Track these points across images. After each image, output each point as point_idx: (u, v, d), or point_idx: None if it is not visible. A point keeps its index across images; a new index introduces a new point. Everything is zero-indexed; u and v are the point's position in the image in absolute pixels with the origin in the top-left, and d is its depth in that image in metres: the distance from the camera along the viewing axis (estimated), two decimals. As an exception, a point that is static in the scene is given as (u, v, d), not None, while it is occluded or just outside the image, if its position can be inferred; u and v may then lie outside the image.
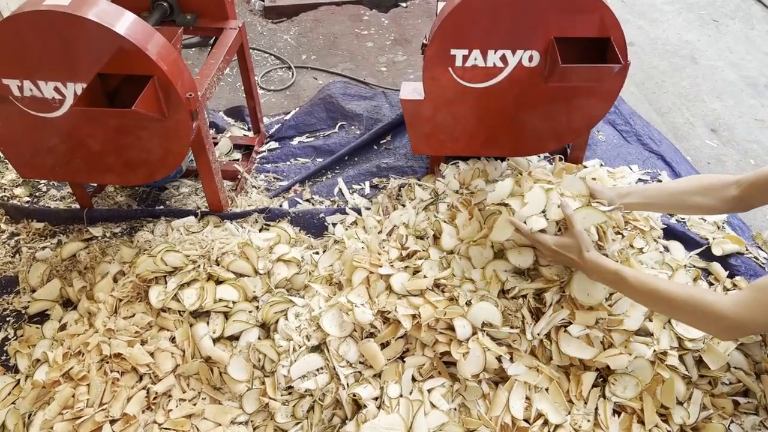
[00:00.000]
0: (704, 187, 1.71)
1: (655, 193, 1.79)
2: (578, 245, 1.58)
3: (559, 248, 1.62)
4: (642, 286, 1.49)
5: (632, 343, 1.70)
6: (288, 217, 2.29)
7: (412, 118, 2.13)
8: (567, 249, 1.61)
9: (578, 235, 1.58)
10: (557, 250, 1.63)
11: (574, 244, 1.59)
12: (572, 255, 1.60)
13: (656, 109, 3.15)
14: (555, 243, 1.63)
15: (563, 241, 1.62)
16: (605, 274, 1.56)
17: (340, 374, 1.71)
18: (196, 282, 1.89)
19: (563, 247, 1.61)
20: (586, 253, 1.58)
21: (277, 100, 3.28)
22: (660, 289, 1.46)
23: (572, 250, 1.60)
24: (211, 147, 2.12)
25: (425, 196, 2.22)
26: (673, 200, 1.75)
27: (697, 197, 1.71)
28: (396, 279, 1.82)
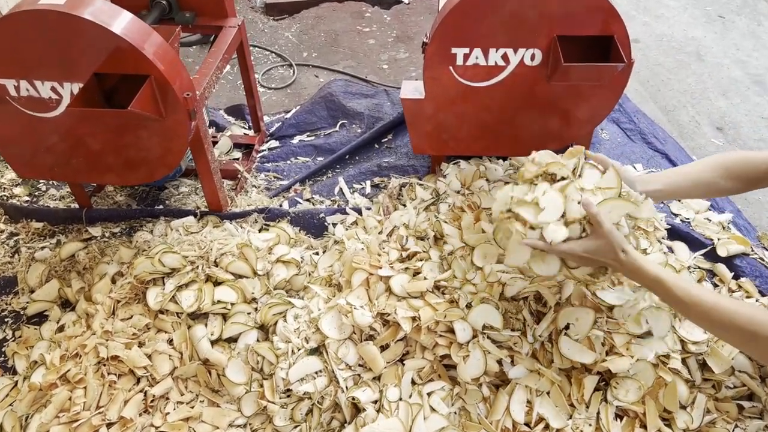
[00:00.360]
0: (728, 169, 1.60)
1: (678, 179, 1.65)
2: (611, 247, 1.41)
3: (589, 255, 1.44)
4: (688, 297, 1.35)
5: (634, 346, 1.68)
6: (288, 217, 2.27)
7: (412, 117, 2.11)
8: (598, 254, 1.44)
9: (608, 235, 1.41)
10: (587, 257, 1.46)
11: (604, 246, 1.42)
12: (606, 259, 1.44)
13: (661, 107, 3.12)
14: (583, 250, 1.44)
15: (592, 246, 1.43)
16: (644, 280, 1.43)
17: (339, 377, 1.70)
18: (194, 283, 1.88)
19: (594, 253, 1.44)
20: (622, 255, 1.42)
21: (277, 98, 3.26)
22: (710, 305, 1.32)
23: (605, 253, 1.43)
24: (210, 147, 2.11)
25: (426, 196, 2.20)
26: (698, 185, 1.63)
27: (722, 181, 1.60)
28: (396, 281, 1.80)
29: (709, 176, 1.62)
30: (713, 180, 1.61)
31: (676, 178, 1.66)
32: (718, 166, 1.62)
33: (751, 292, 1.98)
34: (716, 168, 1.62)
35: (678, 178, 1.66)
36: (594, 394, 1.64)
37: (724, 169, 1.60)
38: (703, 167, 1.65)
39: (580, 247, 1.45)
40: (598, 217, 1.42)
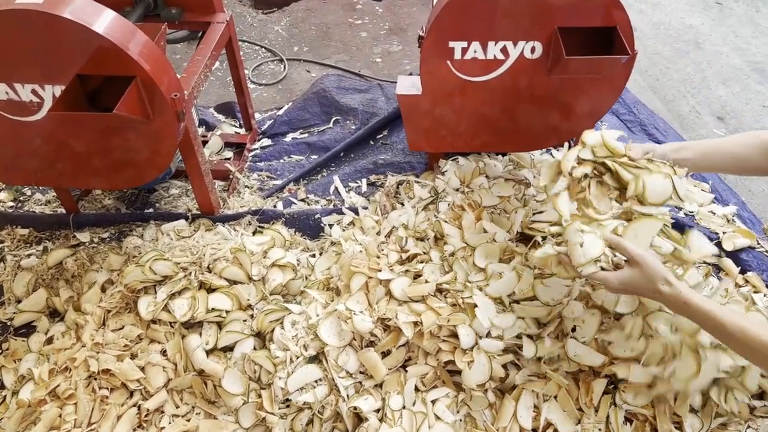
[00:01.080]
0: (765, 145, 1.50)
1: (710, 151, 1.56)
2: (649, 279, 1.33)
3: (627, 285, 1.37)
4: (741, 333, 1.24)
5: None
6: (282, 219, 2.22)
7: (409, 113, 2.05)
8: (635, 286, 1.36)
9: (644, 265, 1.32)
10: (625, 289, 1.38)
11: (641, 278, 1.33)
12: (645, 292, 1.36)
13: (661, 97, 3.08)
14: (619, 282, 1.37)
15: (627, 277, 1.36)
16: (692, 315, 1.32)
17: (340, 386, 1.65)
18: (187, 291, 1.82)
19: (630, 285, 1.36)
20: (665, 288, 1.32)
21: (268, 94, 3.20)
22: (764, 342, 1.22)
23: (642, 285, 1.34)
24: (200, 148, 2.04)
25: (424, 194, 2.15)
26: (732, 159, 1.55)
27: (757, 157, 1.51)
28: (396, 284, 1.75)
29: (744, 151, 1.53)
30: (748, 155, 1.52)
31: (709, 150, 1.57)
32: (756, 142, 1.52)
33: (759, 287, 1.95)
34: (753, 143, 1.52)
35: (711, 150, 1.57)
36: (603, 398, 1.60)
37: (762, 146, 1.51)
38: (739, 141, 1.56)
39: (616, 279, 1.37)
40: (630, 251, 1.35)
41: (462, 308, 1.69)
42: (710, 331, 1.34)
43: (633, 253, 1.35)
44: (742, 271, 2.02)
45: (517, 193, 2.08)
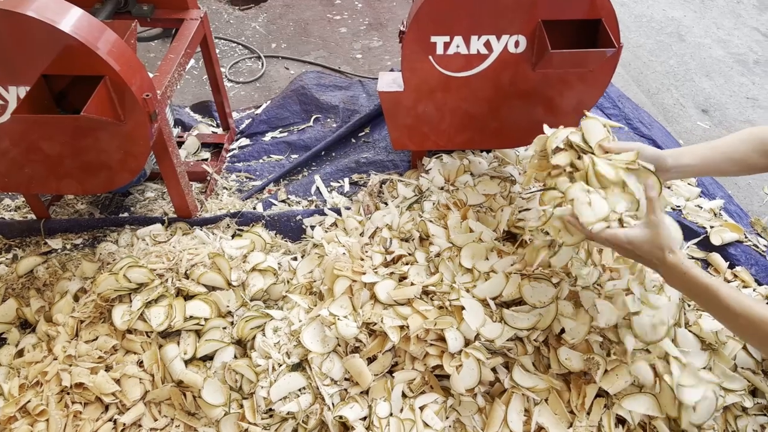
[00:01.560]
0: (763, 143, 1.47)
1: (710, 153, 1.53)
2: (658, 244, 1.30)
3: (632, 247, 1.33)
4: (747, 315, 1.22)
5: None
6: (262, 221, 2.17)
7: (391, 111, 2.01)
8: (643, 248, 1.31)
9: (661, 232, 1.30)
10: (630, 249, 1.34)
11: (651, 244, 1.31)
12: (650, 256, 1.32)
13: (644, 90, 3.07)
14: (628, 240, 1.33)
15: (638, 237, 1.32)
16: (692, 287, 1.30)
17: (324, 394, 1.60)
18: (163, 299, 1.76)
19: (639, 246, 1.32)
20: (669, 256, 1.30)
21: (246, 92, 3.13)
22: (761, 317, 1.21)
23: (650, 249, 1.31)
24: (174, 149, 1.98)
25: (408, 193, 2.10)
26: (732, 161, 1.52)
27: (756, 156, 1.49)
28: (381, 287, 1.71)
29: (742, 151, 1.51)
30: (747, 155, 1.50)
31: (708, 153, 1.54)
32: (753, 140, 1.51)
33: (748, 282, 1.94)
34: (750, 142, 1.51)
35: (710, 153, 1.54)
36: (596, 400, 1.57)
37: (759, 144, 1.49)
38: (737, 142, 1.54)
39: (626, 237, 1.34)
40: (654, 203, 1.31)
41: (449, 311, 1.65)
42: (707, 305, 1.32)
43: (657, 216, 1.31)
44: (731, 265, 2.00)
45: (502, 190, 2.05)
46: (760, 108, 2.90)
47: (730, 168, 1.57)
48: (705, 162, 1.54)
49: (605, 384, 1.55)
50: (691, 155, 1.55)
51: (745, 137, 1.54)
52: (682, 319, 1.66)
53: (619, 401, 1.56)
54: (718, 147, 1.55)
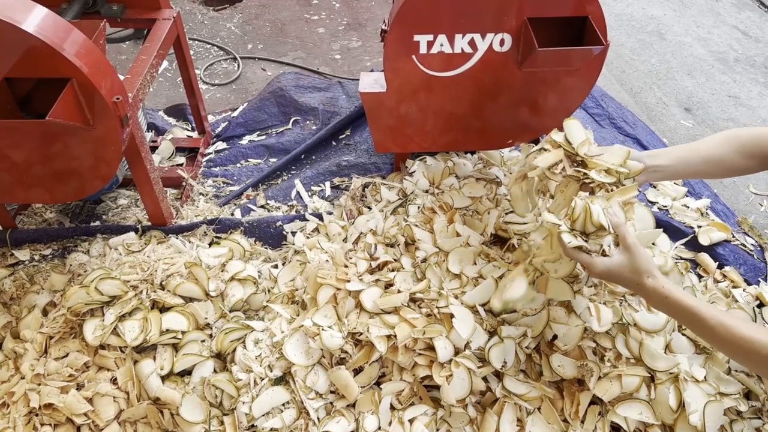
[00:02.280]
0: (743, 145, 1.48)
1: (688, 155, 1.53)
2: (635, 269, 1.30)
3: (613, 274, 1.32)
4: (730, 336, 1.21)
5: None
6: (241, 228, 2.10)
7: (373, 112, 1.96)
8: (620, 275, 1.32)
9: (636, 257, 1.30)
10: (606, 276, 1.34)
11: (627, 269, 1.30)
12: (627, 283, 1.33)
13: (627, 89, 3.06)
14: (608, 267, 1.32)
15: (614, 264, 1.31)
16: (673, 309, 1.29)
17: (309, 408, 1.55)
18: (138, 311, 1.69)
19: (615, 274, 1.32)
20: (648, 281, 1.29)
21: (222, 95, 3.07)
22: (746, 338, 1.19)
23: (627, 275, 1.31)
24: (148, 154, 1.91)
25: (392, 197, 2.06)
26: (710, 162, 1.51)
27: (736, 157, 1.49)
28: (367, 295, 1.66)
29: (721, 152, 1.50)
30: (726, 157, 1.50)
31: (686, 154, 1.53)
32: (731, 142, 1.50)
33: (737, 282, 1.93)
34: (729, 144, 1.50)
35: (688, 154, 1.53)
36: (590, 408, 1.54)
37: (738, 146, 1.49)
38: (715, 143, 1.53)
39: (603, 264, 1.32)
40: (622, 229, 1.31)
41: (438, 319, 1.60)
42: (690, 326, 1.31)
43: (629, 240, 1.30)
44: (720, 265, 1.99)
45: (488, 193, 2.02)
46: (742, 106, 2.91)
47: (708, 169, 1.56)
48: (682, 163, 1.53)
49: (599, 391, 1.52)
50: (668, 156, 1.54)
51: (722, 140, 1.54)
52: (673, 322, 1.63)
53: (614, 408, 1.53)
54: (696, 148, 1.54)
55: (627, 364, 1.56)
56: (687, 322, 1.30)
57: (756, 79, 3.08)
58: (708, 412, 1.48)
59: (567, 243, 1.32)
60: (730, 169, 1.53)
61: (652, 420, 1.51)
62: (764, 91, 3.00)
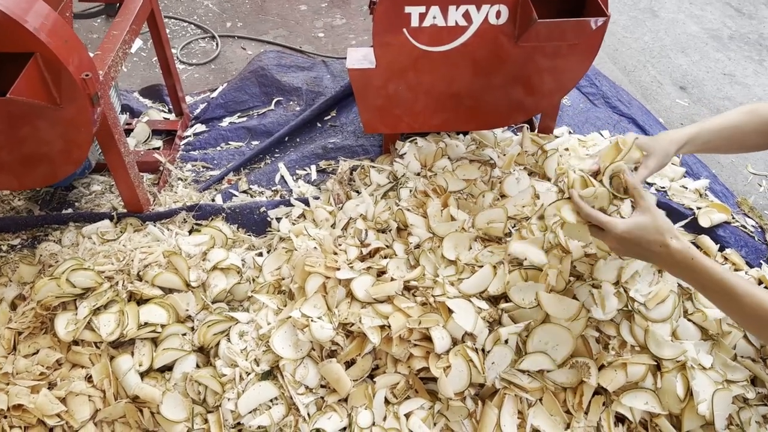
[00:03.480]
0: (763, 121, 1.41)
1: (709, 137, 1.43)
2: (658, 229, 1.18)
3: (630, 235, 1.20)
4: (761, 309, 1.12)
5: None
6: (223, 214, 2.01)
7: (362, 90, 1.87)
8: (639, 238, 1.19)
9: (656, 217, 1.19)
10: (627, 238, 1.21)
11: (649, 230, 1.19)
12: (651, 245, 1.20)
13: (621, 67, 3.00)
14: (626, 227, 1.21)
15: (637, 226, 1.19)
16: (700, 276, 1.18)
17: (299, 404, 1.48)
18: (113, 304, 1.60)
19: (636, 235, 1.20)
20: (673, 242, 1.18)
21: (200, 75, 2.96)
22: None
23: (650, 236, 1.19)
24: (122, 137, 1.81)
25: (382, 180, 1.98)
26: (732, 141, 1.44)
27: (752, 134, 1.41)
28: (358, 284, 1.58)
29: (739, 127, 1.43)
30: (743, 132, 1.42)
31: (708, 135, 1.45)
32: (751, 117, 1.42)
33: (739, 264, 1.87)
34: (748, 119, 1.42)
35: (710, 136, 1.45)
36: (594, 399, 1.48)
37: (759, 122, 1.41)
38: (734, 117, 1.45)
39: (624, 224, 1.21)
40: (642, 193, 1.21)
41: (434, 308, 1.53)
42: (715, 296, 1.22)
43: (648, 200, 1.22)
44: (721, 248, 1.94)
45: (483, 175, 1.94)
46: (738, 84, 2.87)
47: (723, 144, 1.49)
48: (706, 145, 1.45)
49: (603, 380, 1.47)
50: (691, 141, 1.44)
51: (741, 114, 1.46)
52: (680, 307, 1.58)
53: (618, 398, 1.47)
54: (722, 129, 1.46)
55: (632, 352, 1.50)
56: (711, 291, 1.20)
57: (750, 57, 3.04)
58: (716, 401, 1.43)
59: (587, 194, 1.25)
60: (743, 145, 1.47)
61: (659, 410, 1.46)
62: (759, 68, 2.96)
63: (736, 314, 1.22)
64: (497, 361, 1.48)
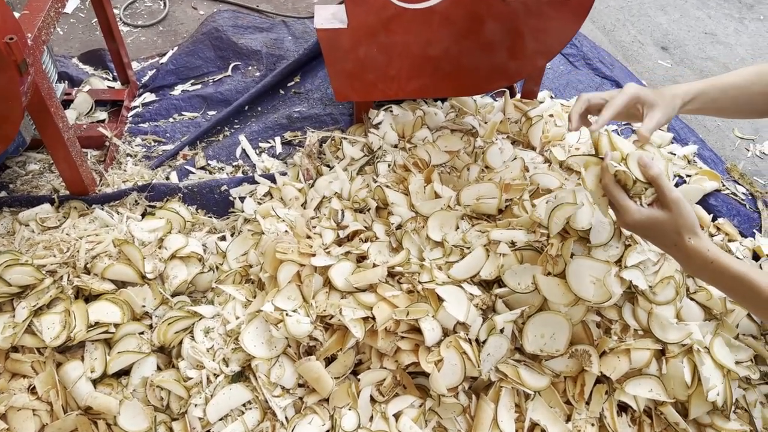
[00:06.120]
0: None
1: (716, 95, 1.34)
2: (676, 229, 1.13)
3: (642, 227, 1.16)
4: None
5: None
6: (179, 194, 1.85)
7: (332, 53, 1.71)
8: (654, 231, 1.15)
9: (678, 214, 1.12)
10: (639, 228, 1.16)
11: (666, 226, 1.13)
12: (665, 241, 1.15)
13: (600, 27, 2.89)
14: (642, 217, 1.14)
15: (652, 218, 1.14)
16: (720, 277, 1.12)
17: (275, 408, 1.35)
18: (58, 303, 1.43)
19: (650, 227, 1.15)
20: (690, 241, 1.12)
21: (147, 38, 2.73)
22: None
23: (662, 235, 1.15)
24: (59, 110, 1.61)
25: (357, 153, 1.83)
26: (738, 103, 1.34)
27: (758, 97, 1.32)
28: (337, 271, 1.45)
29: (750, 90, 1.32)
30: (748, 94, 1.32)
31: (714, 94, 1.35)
32: (760, 79, 1.32)
33: (733, 235, 1.82)
34: (755, 80, 1.32)
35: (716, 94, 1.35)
36: (595, 388, 1.40)
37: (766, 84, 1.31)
38: (741, 77, 1.35)
39: (639, 213, 1.14)
40: (663, 185, 1.11)
41: (422, 296, 1.41)
42: (737, 296, 1.14)
43: (670, 195, 1.11)
44: (713, 218, 1.87)
45: (466, 145, 1.81)
46: (720, 44, 2.79)
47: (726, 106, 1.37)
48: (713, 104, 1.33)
49: (606, 368, 1.38)
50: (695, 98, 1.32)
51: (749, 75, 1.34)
52: (683, 287, 1.49)
53: (622, 386, 1.39)
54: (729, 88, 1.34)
55: (635, 337, 1.41)
56: (733, 292, 1.13)
57: (731, 15, 2.97)
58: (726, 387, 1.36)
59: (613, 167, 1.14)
60: (748, 108, 1.35)
61: (664, 397, 1.38)
62: (740, 27, 2.89)
63: (762, 313, 1.13)
64: (493, 352, 1.38)
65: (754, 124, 2.37)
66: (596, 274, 1.37)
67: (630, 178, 1.13)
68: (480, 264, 1.45)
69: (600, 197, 1.22)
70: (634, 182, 1.13)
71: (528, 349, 1.39)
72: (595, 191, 1.23)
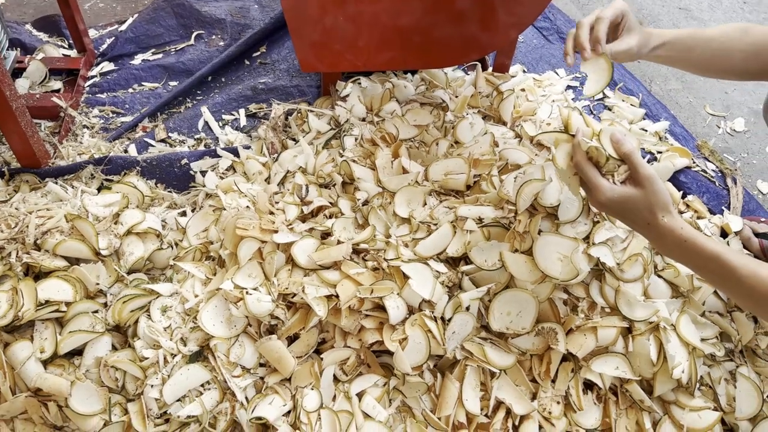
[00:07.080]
0: (752, 42, 1.29)
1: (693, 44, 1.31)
2: (649, 207, 1.10)
3: (613, 205, 1.12)
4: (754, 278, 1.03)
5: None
6: (137, 168, 1.79)
7: (297, 21, 1.65)
8: (625, 209, 1.12)
9: (651, 192, 1.09)
10: (610, 207, 1.13)
11: (639, 204, 1.10)
12: (637, 220, 1.13)
13: (574, 0, 2.86)
14: (614, 195, 1.11)
15: (624, 196, 1.11)
16: (694, 256, 1.10)
17: (235, 388, 1.32)
18: (5, 280, 1.38)
19: (622, 205, 1.12)
20: (663, 219, 1.10)
21: (105, 4, 2.64)
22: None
23: (634, 213, 1.12)
24: (6, 78, 1.53)
25: (323, 126, 1.78)
26: (715, 57, 1.31)
27: (738, 54, 1.30)
28: (300, 248, 1.41)
29: (730, 45, 1.30)
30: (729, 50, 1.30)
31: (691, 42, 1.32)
32: (739, 35, 1.30)
33: (702, 212, 1.82)
34: (736, 37, 1.30)
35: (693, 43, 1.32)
36: (561, 365, 1.39)
37: (748, 42, 1.30)
38: (727, 32, 1.32)
39: (612, 191, 1.11)
40: (636, 162, 1.09)
41: (387, 273, 1.38)
42: (710, 276, 1.12)
43: (644, 172, 1.09)
44: (683, 195, 1.88)
45: (435, 120, 1.78)
46: (694, 19, 2.79)
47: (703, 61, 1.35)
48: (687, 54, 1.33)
49: (572, 346, 1.37)
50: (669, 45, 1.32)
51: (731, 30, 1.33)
52: (651, 265, 1.49)
53: (588, 364, 1.39)
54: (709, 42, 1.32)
55: (602, 314, 1.41)
56: (705, 271, 1.11)
57: (705, -10, 2.97)
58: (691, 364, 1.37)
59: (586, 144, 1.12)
60: (725, 65, 1.34)
61: (630, 375, 1.38)
62: (714, 2, 2.89)
63: (739, 297, 1.12)
64: (458, 330, 1.37)
65: (725, 101, 2.37)
66: (564, 251, 1.36)
67: (603, 155, 1.11)
68: (447, 241, 1.43)
69: (571, 176, 1.20)
70: (606, 159, 1.11)
71: (494, 327, 1.38)
72: (566, 170, 1.20)
